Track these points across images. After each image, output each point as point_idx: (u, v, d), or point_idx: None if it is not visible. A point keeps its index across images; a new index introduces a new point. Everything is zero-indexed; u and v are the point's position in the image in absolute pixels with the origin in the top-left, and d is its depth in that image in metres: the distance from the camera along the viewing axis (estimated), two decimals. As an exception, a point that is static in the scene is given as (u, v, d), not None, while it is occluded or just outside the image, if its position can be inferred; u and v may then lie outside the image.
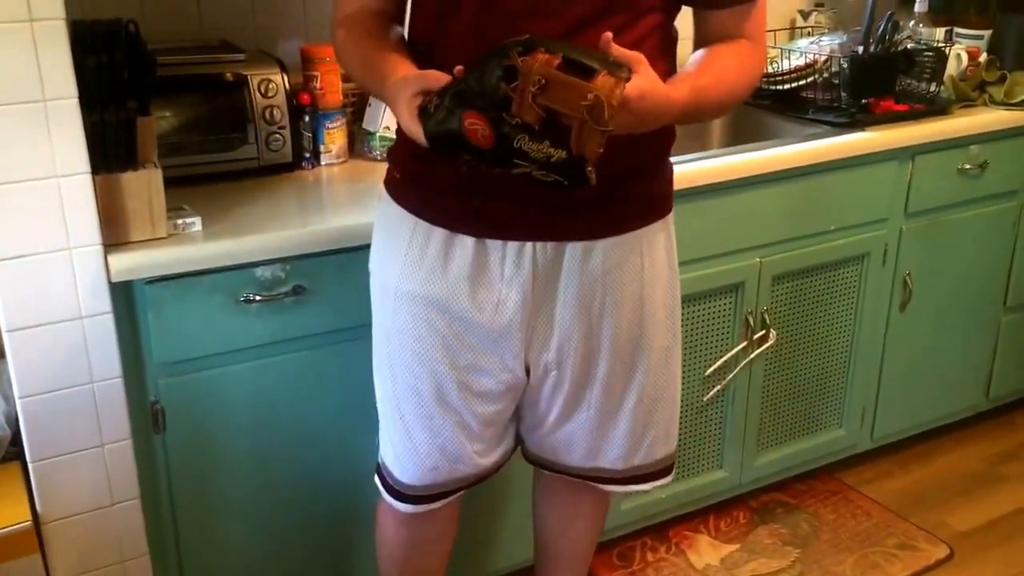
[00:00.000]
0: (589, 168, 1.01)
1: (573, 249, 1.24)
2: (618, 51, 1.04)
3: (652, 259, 1.30)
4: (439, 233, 1.24)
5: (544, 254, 1.24)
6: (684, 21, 1.29)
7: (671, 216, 1.35)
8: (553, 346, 1.30)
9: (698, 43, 1.29)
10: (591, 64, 1.01)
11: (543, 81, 0.98)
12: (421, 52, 1.22)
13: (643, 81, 1.04)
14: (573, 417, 1.37)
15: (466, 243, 1.24)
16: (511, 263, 1.24)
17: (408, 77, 1.11)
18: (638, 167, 1.24)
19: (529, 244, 1.23)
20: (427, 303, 1.27)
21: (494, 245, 1.23)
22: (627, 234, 1.26)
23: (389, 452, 1.39)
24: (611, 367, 1.32)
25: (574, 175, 1.02)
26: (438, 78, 1.07)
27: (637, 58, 1.06)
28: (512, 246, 1.23)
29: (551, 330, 1.29)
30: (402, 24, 1.31)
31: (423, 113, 1.07)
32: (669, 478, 1.47)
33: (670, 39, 1.26)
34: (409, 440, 1.34)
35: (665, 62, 1.24)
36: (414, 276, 1.27)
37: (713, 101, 1.21)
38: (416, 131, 1.08)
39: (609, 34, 1.04)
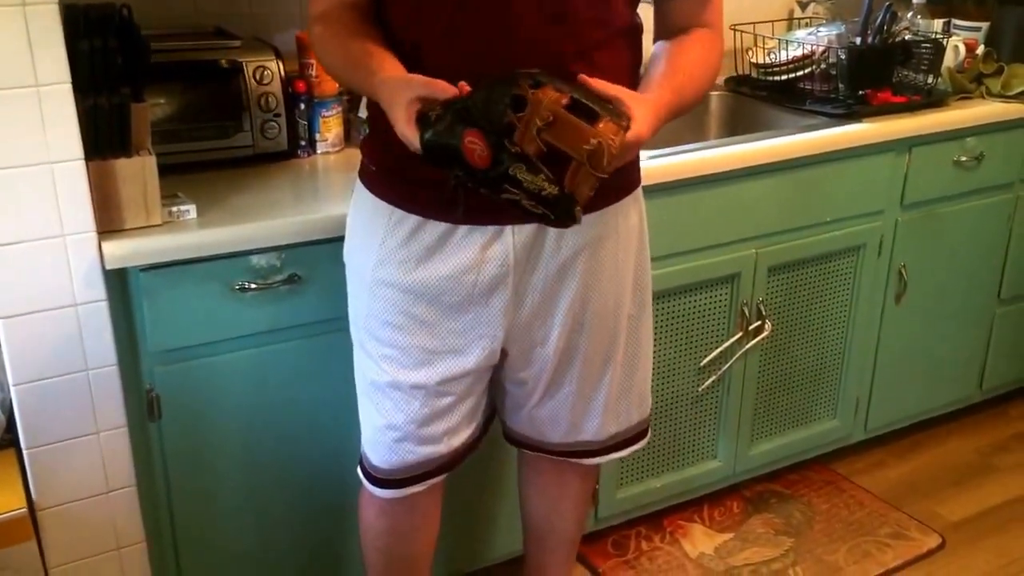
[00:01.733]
0: (578, 208, 1.04)
1: (550, 230, 1.26)
2: (606, 91, 1.08)
3: (626, 232, 1.35)
4: (415, 220, 1.26)
5: (522, 236, 1.26)
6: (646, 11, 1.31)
7: (640, 190, 1.39)
8: (537, 325, 1.33)
9: (658, 33, 1.32)
10: (595, 108, 1.04)
11: (551, 118, 1.01)
12: (402, 49, 1.22)
13: (638, 126, 1.08)
14: (556, 393, 1.40)
15: (442, 230, 1.25)
16: (489, 247, 1.26)
17: (411, 80, 1.11)
18: None
19: (508, 228, 1.25)
20: (403, 289, 1.28)
21: (471, 231, 1.25)
22: (602, 211, 1.29)
23: (367, 438, 1.40)
24: (591, 341, 1.36)
25: (561, 212, 1.04)
26: (444, 88, 1.07)
27: (631, 100, 1.09)
28: (490, 230, 1.25)
29: (534, 309, 1.31)
30: (375, 19, 1.30)
31: (422, 120, 1.07)
32: (645, 441, 1.53)
33: (637, 31, 1.29)
34: (384, 422, 1.35)
35: (632, 54, 1.28)
36: (391, 263, 1.28)
37: (689, 98, 1.24)
38: (411, 136, 1.08)
39: (583, 76, 1.08)
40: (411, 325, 1.30)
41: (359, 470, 1.44)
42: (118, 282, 1.37)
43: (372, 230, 1.30)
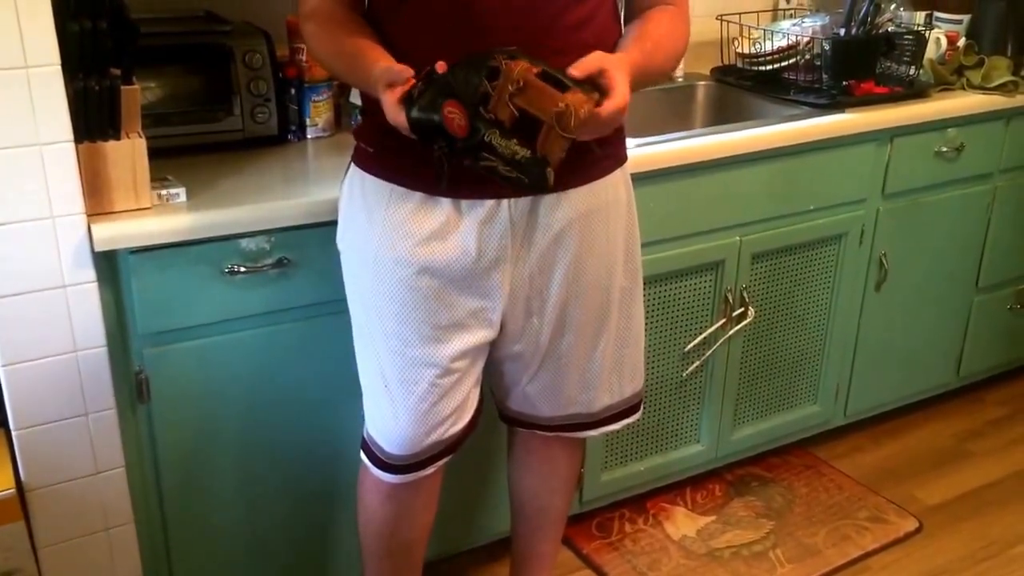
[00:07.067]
0: (549, 169, 1.09)
1: (545, 201, 1.30)
2: (586, 68, 1.13)
3: (616, 205, 1.38)
4: (416, 197, 1.28)
5: (518, 209, 1.29)
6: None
7: (627, 165, 1.43)
8: (533, 296, 1.35)
9: (627, 16, 1.38)
10: (566, 82, 1.10)
11: (521, 83, 1.08)
12: (380, 33, 1.26)
13: (615, 98, 1.13)
14: (551, 366, 1.42)
15: (443, 204, 1.28)
16: (488, 220, 1.28)
17: (393, 67, 1.17)
18: None
19: (505, 201, 1.28)
20: (408, 265, 1.30)
21: (470, 204, 1.27)
22: (593, 183, 1.34)
23: (376, 423, 1.41)
24: (584, 311, 1.39)
25: (534, 175, 1.10)
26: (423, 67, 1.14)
27: (611, 66, 1.14)
28: (488, 204, 1.27)
29: (531, 281, 1.34)
30: (362, 12, 1.33)
31: (407, 98, 1.13)
32: (638, 415, 1.55)
33: (616, 9, 1.34)
34: (393, 407, 1.36)
35: (616, 30, 1.34)
36: (395, 240, 1.30)
37: (657, 64, 1.31)
38: (399, 117, 1.14)
39: (572, 70, 1.13)
40: (418, 300, 1.31)
41: (364, 457, 1.44)
42: (107, 264, 1.38)
43: (372, 210, 1.31)
